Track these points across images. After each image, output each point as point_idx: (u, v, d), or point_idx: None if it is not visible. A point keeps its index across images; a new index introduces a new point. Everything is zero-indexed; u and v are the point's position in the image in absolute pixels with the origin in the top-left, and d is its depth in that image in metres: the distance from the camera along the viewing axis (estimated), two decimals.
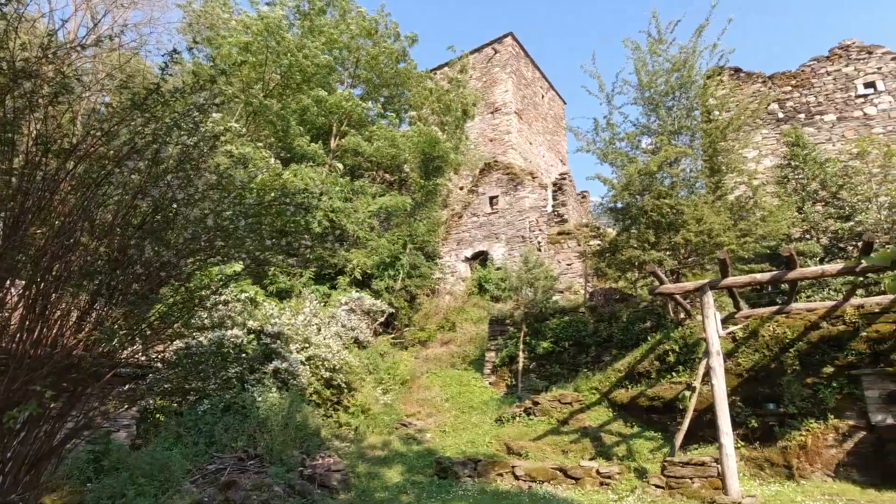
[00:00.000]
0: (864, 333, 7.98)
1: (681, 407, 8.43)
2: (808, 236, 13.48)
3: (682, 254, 9.39)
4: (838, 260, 12.16)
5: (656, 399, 9.41)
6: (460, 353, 14.82)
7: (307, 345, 10.90)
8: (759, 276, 6.95)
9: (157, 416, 8.50)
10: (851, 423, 7.65)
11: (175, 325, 4.70)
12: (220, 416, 8.59)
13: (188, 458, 7.40)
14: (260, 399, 9.00)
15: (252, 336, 10.19)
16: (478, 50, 27.63)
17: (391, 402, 12.26)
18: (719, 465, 6.88)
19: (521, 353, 12.27)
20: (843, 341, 8.12)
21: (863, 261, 6.34)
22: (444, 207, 20.49)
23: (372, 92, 20.97)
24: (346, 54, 18.52)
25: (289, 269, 13.90)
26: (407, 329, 16.48)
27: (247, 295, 11.11)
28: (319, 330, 11.86)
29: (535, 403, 10.53)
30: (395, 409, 12.15)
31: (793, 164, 14.77)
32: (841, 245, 13.01)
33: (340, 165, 16.52)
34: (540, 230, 17.23)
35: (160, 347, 5.54)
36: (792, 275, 6.69)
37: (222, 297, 6.21)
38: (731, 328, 8.84)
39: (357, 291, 14.85)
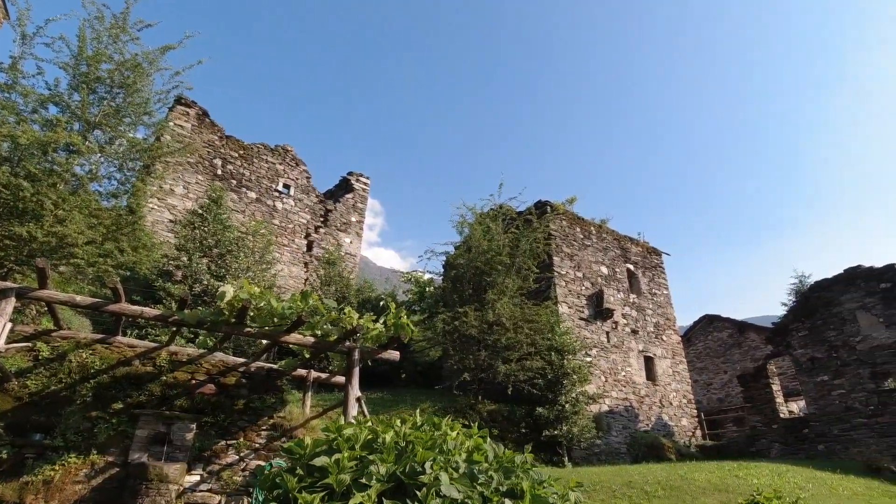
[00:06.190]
0: (165, 378, 8.69)
1: None
2: (186, 282, 14.53)
3: (23, 250, 7.96)
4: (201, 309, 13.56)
5: None
6: None
7: None
8: (79, 298, 6.53)
9: None
10: (111, 459, 7.86)
11: None
12: None
13: None
14: None
15: None
16: None
17: None
18: None
19: None
20: (144, 381, 8.54)
21: (177, 315, 7.03)
22: None
23: None
24: None
25: None
26: None
27: None
28: None
29: None
30: None
31: (205, 216, 16.10)
32: (206, 298, 14.67)
33: None
34: None
35: None
36: (112, 307, 6.65)
37: None
38: (37, 344, 7.89)
39: None
